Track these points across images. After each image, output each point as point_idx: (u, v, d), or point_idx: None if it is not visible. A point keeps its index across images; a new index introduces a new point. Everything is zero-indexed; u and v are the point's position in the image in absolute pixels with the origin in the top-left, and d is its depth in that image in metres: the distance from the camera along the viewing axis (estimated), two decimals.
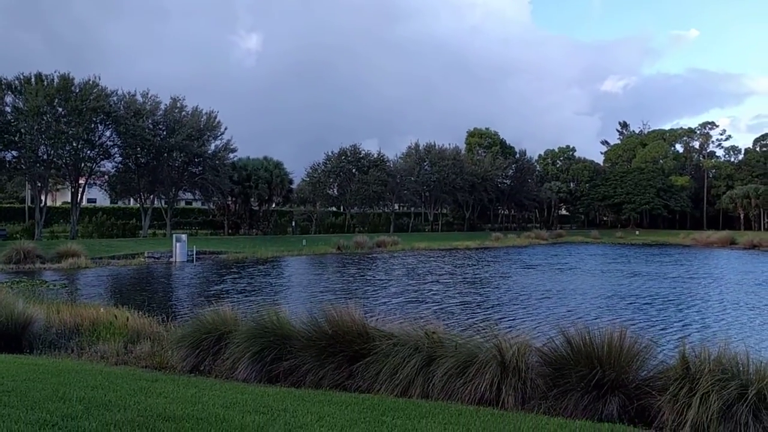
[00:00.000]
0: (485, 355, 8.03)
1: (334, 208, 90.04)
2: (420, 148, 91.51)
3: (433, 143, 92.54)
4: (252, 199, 71.68)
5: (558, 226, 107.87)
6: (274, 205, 78.31)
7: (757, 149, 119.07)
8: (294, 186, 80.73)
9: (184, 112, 59.00)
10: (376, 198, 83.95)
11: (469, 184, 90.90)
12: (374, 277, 31.21)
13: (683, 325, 17.33)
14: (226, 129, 62.42)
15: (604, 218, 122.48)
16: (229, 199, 69.45)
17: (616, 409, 7.29)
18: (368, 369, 8.63)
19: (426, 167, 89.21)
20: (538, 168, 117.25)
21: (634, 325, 15.27)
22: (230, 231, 69.61)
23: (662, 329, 16.41)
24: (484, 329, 9.11)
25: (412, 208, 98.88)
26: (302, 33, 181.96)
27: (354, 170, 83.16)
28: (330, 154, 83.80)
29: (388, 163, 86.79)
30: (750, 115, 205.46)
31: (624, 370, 7.67)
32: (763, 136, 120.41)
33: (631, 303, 22.43)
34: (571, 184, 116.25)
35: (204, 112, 60.81)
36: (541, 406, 7.53)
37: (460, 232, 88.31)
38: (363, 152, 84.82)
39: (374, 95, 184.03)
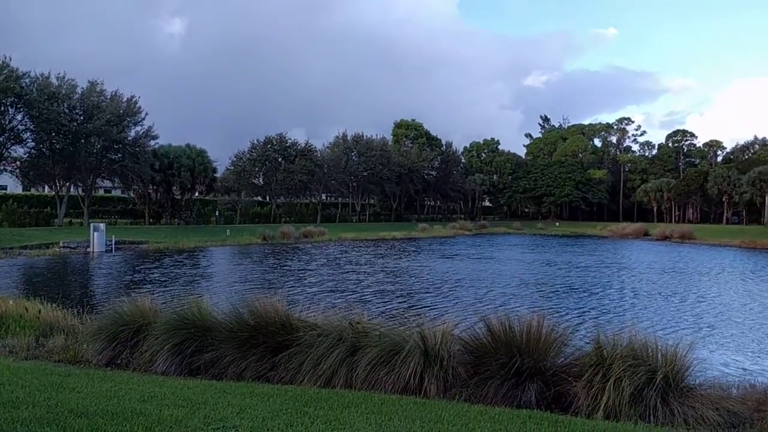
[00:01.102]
0: (409, 345, 8.08)
1: (259, 198, 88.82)
2: (348, 138, 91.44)
3: (361, 134, 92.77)
4: (174, 188, 69.86)
5: (482, 217, 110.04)
6: (197, 194, 76.67)
7: (670, 145, 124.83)
8: (218, 175, 79.20)
9: (102, 97, 56.78)
10: (303, 188, 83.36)
11: (396, 175, 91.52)
12: (295, 267, 30.99)
13: (591, 312, 17.94)
14: (147, 115, 60.62)
15: (526, 210, 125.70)
16: (150, 187, 67.43)
17: (535, 395, 7.48)
18: (291, 360, 8.55)
19: (354, 158, 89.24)
20: (463, 160, 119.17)
21: (544, 311, 15.71)
22: (151, 220, 67.66)
23: (577, 316, 16.98)
24: (407, 318, 9.17)
25: (340, 199, 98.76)
26: (228, 19, 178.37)
27: (280, 159, 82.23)
28: (256, 142, 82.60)
29: (315, 153, 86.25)
30: (663, 112, 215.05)
31: (542, 358, 7.87)
32: (674, 132, 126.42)
33: (541, 291, 23.22)
34: (495, 176, 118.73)
35: (124, 97, 58.79)
36: (462, 394, 7.65)
37: (387, 222, 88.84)
38: (289, 141, 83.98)
39: (302, 85, 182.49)
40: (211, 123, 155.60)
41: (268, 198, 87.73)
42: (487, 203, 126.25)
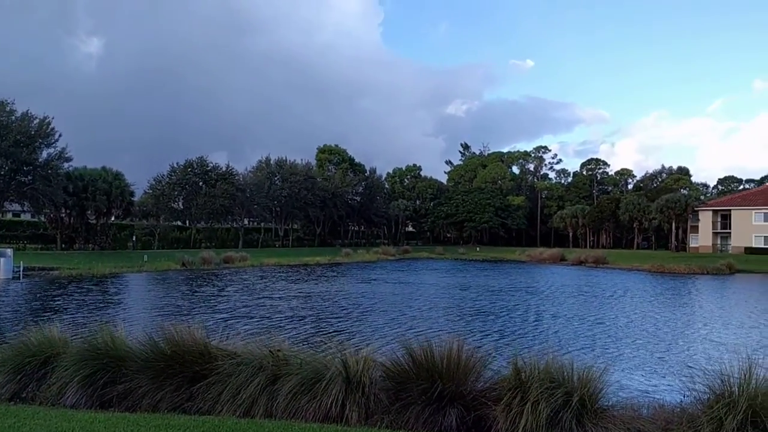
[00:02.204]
0: (330, 372, 8.02)
1: (178, 223, 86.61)
2: (271, 162, 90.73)
3: (284, 158, 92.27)
4: (89, 212, 67.19)
5: (405, 242, 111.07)
6: (113, 219, 74.03)
7: (584, 173, 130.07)
8: (136, 199, 76.82)
9: (13, 117, 54.30)
10: (224, 212, 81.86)
11: (321, 199, 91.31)
12: (209, 293, 30.27)
13: (493, 335, 18.31)
14: (61, 136, 58.24)
15: (448, 235, 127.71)
16: (63, 211, 64.62)
17: (455, 420, 7.55)
18: (210, 390, 8.33)
19: (277, 182, 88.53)
20: (386, 186, 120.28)
21: (449, 334, 15.99)
22: (63, 246, 64.74)
23: (478, 339, 17.27)
24: (329, 345, 9.09)
25: (263, 224, 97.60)
26: (147, 40, 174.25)
27: (201, 183, 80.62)
28: (175, 165, 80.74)
29: (237, 177, 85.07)
30: (578, 141, 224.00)
31: (462, 382, 7.96)
32: (588, 160, 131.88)
33: (449, 314, 23.50)
34: (418, 202, 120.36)
35: (36, 117, 56.35)
36: (384, 420, 7.64)
37: (311, 248, 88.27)
38: (211, 165, 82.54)
39: (224, 107, 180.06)
40: (129, 145, 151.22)
41: (187, 223, 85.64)
42: (410, 228, 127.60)
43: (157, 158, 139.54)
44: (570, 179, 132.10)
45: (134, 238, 72.42)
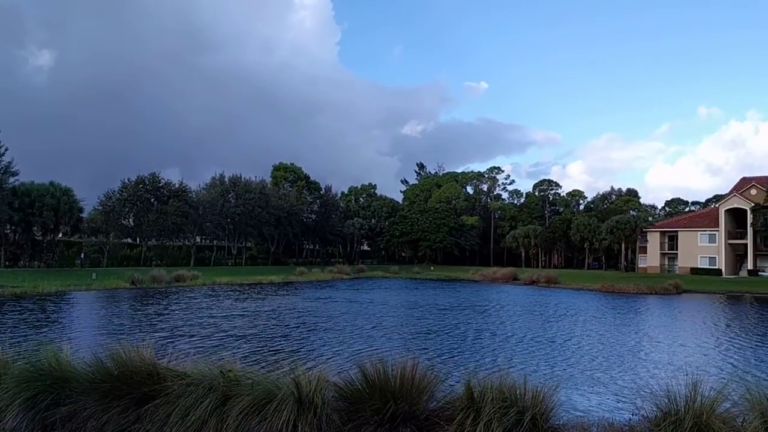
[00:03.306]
0: (282, 392, 7.92)
1: (129, 240, 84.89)
2: (225, 179, 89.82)
3: (239, 175, 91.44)
4: (35, 228, 65.38)
5: (360, 261, 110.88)
6: (60, 235, 72.16)
7: (536, 193, 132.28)
8: (85, 215, 75.13)
9: None
10: (176, 230, 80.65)
11: (275, 218, 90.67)
12: (153, 311, 29.62)
13: (431, 352, 18.42)
14: (6, 150, 56.80)
15: (403, 254, 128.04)
16: (8, 227, 62.71)
17: None
18: (158, 411, 8.12)
19: (231, 199, 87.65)
20: (341, 204, 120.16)
21: (386, 352, 16.03)
22: (8, 263, 62.73)
23: (429, 357, 17.33)
24: (281, 365, 8.98)
25: (215, 242, 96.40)
26: (100, 54, 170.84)
27: (152, 200, 79.34)
28: (127, 181, 79.28)
29: (190, 194, 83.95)
30: (530, 163, 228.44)
31: (415, 402, 7.94)
32: (541, 181, 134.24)
33: (390, 333, 23.52)
34: (373, 221, 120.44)
35: None
36: None
37: (265, 266, 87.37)
38: (163, 181, 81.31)
39: (178, 123, 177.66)
40: (79, 161, 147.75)
41: (138, 240, 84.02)
42: (365, 247, 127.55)
43: (108, 174, 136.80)
44: (523, 200, 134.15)
45: (82, 256, 70.68)
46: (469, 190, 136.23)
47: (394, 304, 36.79)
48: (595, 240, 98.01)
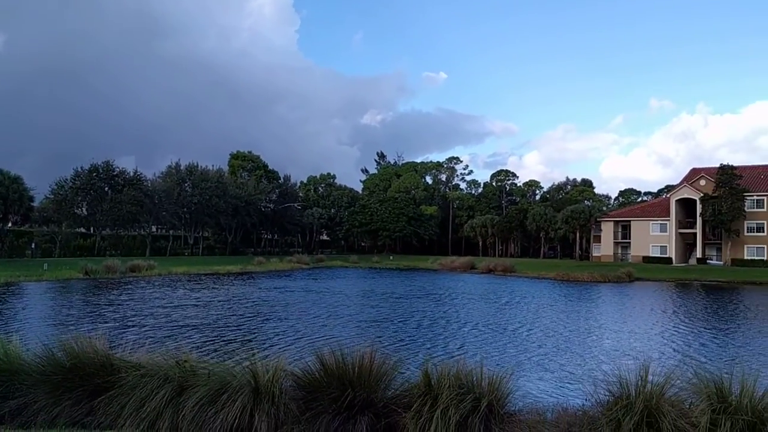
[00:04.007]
0: (239, 382, 7.88)
1: (82, 229, 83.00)
2: (181, 168, 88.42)
3: (195, 164, 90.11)
4: None
5: (320, 250, 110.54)
6: (10, 225, 70.18)
7: (494, 183, 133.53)
8: (36, 204, 73.16)
9: None
10: (131, 219, 79.08)
11: (233, 207, 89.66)
12: (106, 302, 29.06)
13: (379, 340, 18.60)
14: None
15: (363, 243, 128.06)
16: None
17: (366, 428, 7.56)
18: (112, 403, 8.01)
19: (187, 188, 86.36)
20: (300, 194, 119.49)
21: (335, 340, 16.09)
22: None
23: (384, 345, 17.46)
24: (239, 355, 8.94)
25: (171, 231, 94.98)
26: (53, 39, 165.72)
27: (107, 188, 77.66)
28: (80, 170, 77.38)
29: (145, 183, 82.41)
30: (488, 153, 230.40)
31: (373, 390, 7.98)
32: (498, 172, 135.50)
33: (342, 320, 23.68)
34: (332, 210, 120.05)
35: None
36: (294, 431, 7.56)
37: (223, 256, 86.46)
38: (117, 169, 79.62)
39: (134, 112, 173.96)
40: (29, 148, 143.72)
41: (92, 229, 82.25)
42: (325, 237, 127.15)
43: (60, 163, 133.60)
44: (480, 190, 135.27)
45: (33, 245, 68.90)
46: (428, 180, 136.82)
47: (352, 293, 36.84)
48: (551, 229, 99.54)
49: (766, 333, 22.49)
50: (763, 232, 76.38)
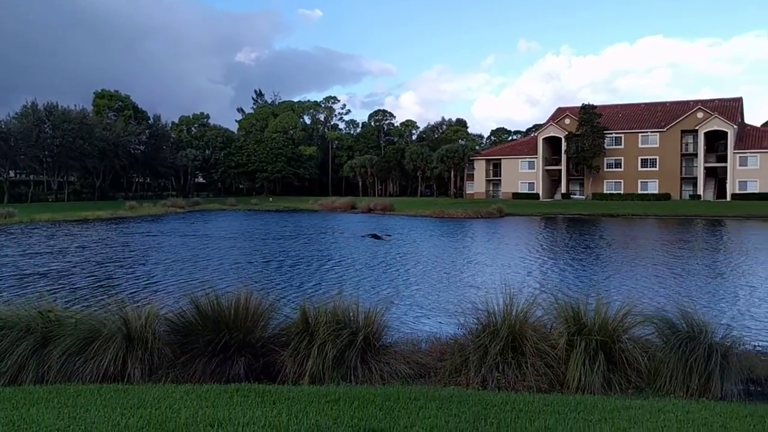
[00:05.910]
0: (110, 329, 7.63)
1: None
2: (39, 108, 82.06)
3: (55, 103, 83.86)
4: None
5: (195, 194, 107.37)
6: None
7: (372, 124, 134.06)
8: None
9: None
10: None
11: (99, 149, 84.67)
12: None
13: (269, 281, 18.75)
14: None
15: (241, 186, 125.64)
16: None
17: (243, 368, 7.60)
18: None
19: (47, 130, 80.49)
20: (173, 135, 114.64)
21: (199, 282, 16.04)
22: None
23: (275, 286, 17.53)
24: (108, 303, 8.63)
25: (32, 176, 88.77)
26: None
27: None
28: None
29: None
30: (365, 93, 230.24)
31: (250, 331, 8.01)
32: (376, 112, 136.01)
33: (200, 263, 23.58)
34: (207, 152, 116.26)
35: None
36: (169, 375, 7.48)
37: (91, 201, 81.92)
38: None
39: None
40: None
41: None
42: (200, 179, 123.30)
43: None
44: (359, 130, 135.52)
45: None
46: (307, 120, 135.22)
47: (229, 236, 36.27)
48: (427, 168, 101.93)
49: (620, 260, 24.49)
50: (621, 167, 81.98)
